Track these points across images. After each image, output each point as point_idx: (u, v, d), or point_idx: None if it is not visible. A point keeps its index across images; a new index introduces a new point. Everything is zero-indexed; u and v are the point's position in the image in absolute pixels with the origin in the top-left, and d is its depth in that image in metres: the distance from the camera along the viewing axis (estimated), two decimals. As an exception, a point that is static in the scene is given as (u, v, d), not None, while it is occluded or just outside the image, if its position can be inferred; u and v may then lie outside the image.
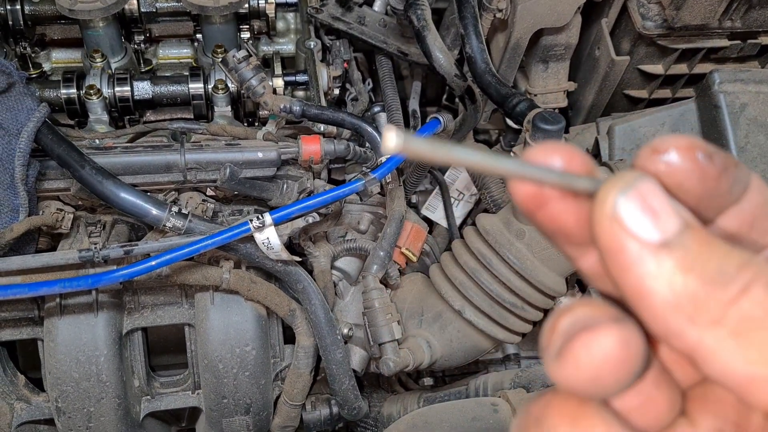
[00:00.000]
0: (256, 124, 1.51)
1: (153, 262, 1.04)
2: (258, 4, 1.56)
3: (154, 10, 1.55)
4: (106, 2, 1.36)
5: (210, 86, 1.42)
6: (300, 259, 1.18)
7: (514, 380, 1.34)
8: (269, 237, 1.11)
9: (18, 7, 1.46)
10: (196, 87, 1.42)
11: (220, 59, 1.24)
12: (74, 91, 1.38)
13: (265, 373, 1.23)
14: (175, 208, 1.11)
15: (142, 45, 1.60)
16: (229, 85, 1.42)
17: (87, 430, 1.17)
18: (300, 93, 1.57)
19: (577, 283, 1.40)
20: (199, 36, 1.59)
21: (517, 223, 1.21)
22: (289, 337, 1.31)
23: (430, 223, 1.65)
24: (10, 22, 1.46)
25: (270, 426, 1.30)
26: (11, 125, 1.09)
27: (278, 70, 1.47)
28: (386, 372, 1.19)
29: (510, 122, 1.51)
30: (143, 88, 1.42)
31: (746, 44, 1.37)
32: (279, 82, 1.48)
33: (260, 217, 1.10)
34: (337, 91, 1.58)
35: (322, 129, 1.40)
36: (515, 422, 0.37)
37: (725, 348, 0.30)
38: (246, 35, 1.64)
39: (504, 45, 1.37)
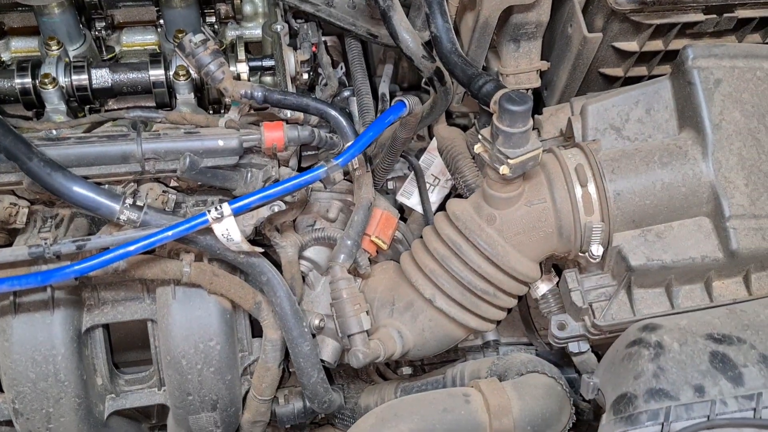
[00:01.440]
0: (222, 111, 1.47)
1: (106, 257, 1.00)
2: (222, -13, 1.52)
3: (114, -5, 1.50)
4: (58, -13, 1.31)
5: (171, 73, 1.38)
6: (262, 250, 1.14)
7: (491, 369, 1.31)
8: (228, 228, 1.07)
9: (-29, -6, 1.41)
10: (156, 74, 1.38)
11: (178, 45, 1.19)
12: (29, 80, 1.33)
13: (232, 368, 1.19)
14: (129, 200, 1.07)
15: (104, 32, 1.55)
16: (191, 71, 1.37)
17: (47, 431, 1.13)
18: (267, 79, 1.52)
19: (554, 268, 1.37)
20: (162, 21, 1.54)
21: (487, 207, 1.17)
22: (258, 330, 1.27)
23: (403, 211, 1.62)
24: (-36, 11, 1.41)
25: (240, 421, 1.27)
26: (-46, 117, 1.04)
27: (242, 55, 1.43)
28: (355, 364, 1.15)
29: (483, 105, 1.47)
30: (101, 77, 1.37)
31: (722, 18, 1.33)
32: (243, 68, 1.43)
33: (218, 207, 1.06)
34: (306, 76, 1.53)
35: (288, 116, 1.36)
36: None
37: None
38: (212, 20, 1.59)
39: (473, 24, 1.32)
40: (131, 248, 1.01)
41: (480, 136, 1.11)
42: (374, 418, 1.12)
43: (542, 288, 1.33)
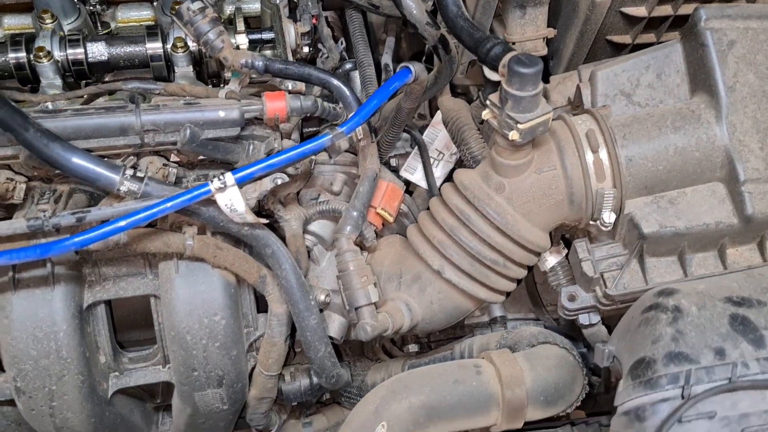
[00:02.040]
0: (222, 85, 1.43)
1: (107, 228, 0.97)
2: (219, -43, 1.48)
3: (108, -32, 1.46)
4: (51, -42, 1.27)
5: (169, 45, 1.34)
6: (267, 222, 1.11)
7: (500, 342, 1.29)
8: (232, 199, 1.04)
9: (-39, -33, 1.37)
10: (154, 47, 1.34)
11: (176, 12, 1.16)
12: (23, 54, 1.29)
13: (237, 344, 1.17)
14: (129, 172, 1.04)
15: (98, 7, 1.51)
16: (190, 43, 1.34)
17: (50, 410, 1.11)
18: (267, 52, 1.49)
19: (562, 240, 1.35)
20: (158, -5, 1.50)
21: (496, 176, 1.15)
22: (263, 306, 1.25)
23: (410, 185, 1.59)
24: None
25: (246, 398, 1.25)
26: (-53, 88, 1.01)
27: (241, 26, 1.39)
28: (363, 337, 1.13)
29: (489, 75, 1.44)
30: (98, 50, 1.34)
31: (733, -20, 1.30)
32: (242, 40, 1.40)
33: (221, 177, 1.03)
34: (306, 49, 1.50)
35: (290, 87, 1.33)
36: None
37: None
38: (209, -8, 1.55)
39: (478, -10, 1.29)
40: (132, 219, 0.98)
41: (488, 102, 1.08)
42: (384, 390, 1.10)
43: (551, 260, 1.30)
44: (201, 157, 1.23)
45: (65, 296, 1.09)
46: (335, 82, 1.22)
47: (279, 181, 1.12)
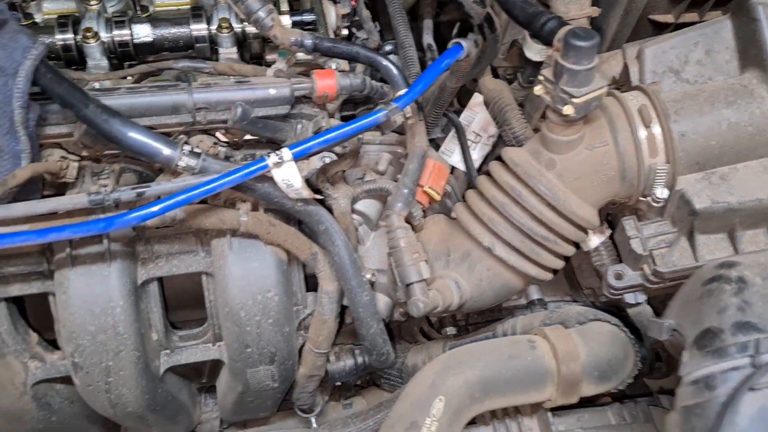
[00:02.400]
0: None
1: (169, 202, 0.98)
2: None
3: (149, -51, 1.46)
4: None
5: (213, 27, 1.35)
6: (321, 198, 1.11)
7: (545, 321, 1.29)
8: (289, 174, 1.04)
9: (5, -50, 1.38)
10: (199, 28, 1.35)
11: (225, -9, 1.16)
12: (71, 36, 1.30)
13: (289, 321, 1.17)
14: (187, 147, 1.04)
15: (139, -10, 1.52)
16: (234, 25, 1.34)
17: (106, 385, 1.12)
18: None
19: (607, 221, 1.35)
20: (197, -22, 1.50)
21: (546, 152, 1.15)
22: (311, 285, 1.25)
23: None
24: (-2, -33, 1.37)
25: (295, 376, 1.25)
26: (7, 65, 1.02)
27: (285, 6, 1.40)
28: (415, 313, 1.13)
29: (530, 55, 1.44)
30: (143, 31, 1.34)
31: (780, -43, 1.29)
32: (286, 21, 1.40)
33: (278, 152, 1.04)
34: (345, 31, 1.50)
35: (333, 68, 1.33)
36: None
37: None
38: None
39: (523, -32, 1.29)
40: (193, 193, 0.99)
41: (541, 77, 1.08)
42: (439, 365, 1.10)
43: (595, 240, 1.30)
44: (247, 137, 1.23)
45: (121, 273, 1.10)
46: (383, 60, 1.22)
47: (327, 160, 1.12)
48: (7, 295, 1.11)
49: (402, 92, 1.14)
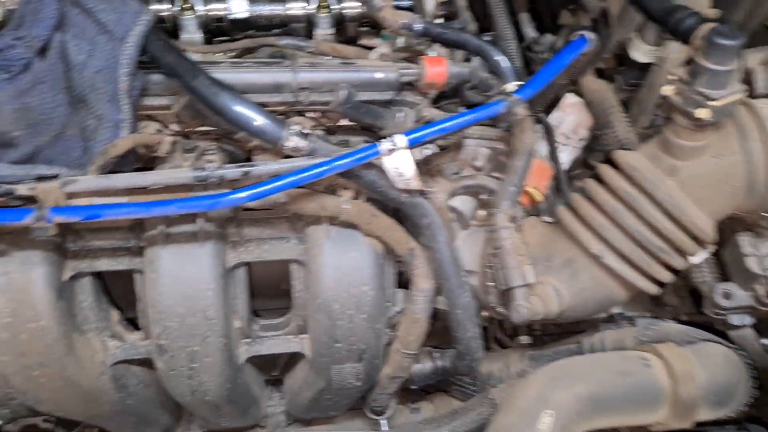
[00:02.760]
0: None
1: (277, 183, 0.92)
2: None
3: None
4: None
5: (311, 6, 1.29)
6: (431, 189, 1.05)
7: (638, 338, 1.22)
8: (401, 162, 0.98)
9: None
10: (297, 6, 1.29)
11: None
12: (167, 7, 1.25)
13: (381, 318, 1.11)
14: (295, 127, 0.99)
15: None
16: (333, 5, 1.29)
17: (189, 371, 1.07)
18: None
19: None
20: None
21: (668, 158, 1.07)
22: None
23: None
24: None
25: (378, 376, 1.19)
26: (117, 29, 0.97)
27: (385, -10, 1.34)
28: (517, 319, 1.07)
29: (636, 57, 1.36)
30: (240, 6, 1.29)
31: None
32: (385, 4, 1.34)
33: (391, 138, 0.98)
34: (441, 20, 1.44)
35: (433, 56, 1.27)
36: None
37: None
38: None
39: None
40: (304, 175, 0.93)
41: (674, 77, 1.00)
42: (546, 376, 1.03)
43: (701, 255, 1.22)
44: (341, 123, 1.18)
45: (214, 255, 1.04)
46: (493, 50, 1.16)
47: (428, 152, 1.06)
48: (94, 270, 1.06)
49: (508, 88, 1.07)
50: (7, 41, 0.91)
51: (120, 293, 1.16)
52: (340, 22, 1.33)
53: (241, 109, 0.97)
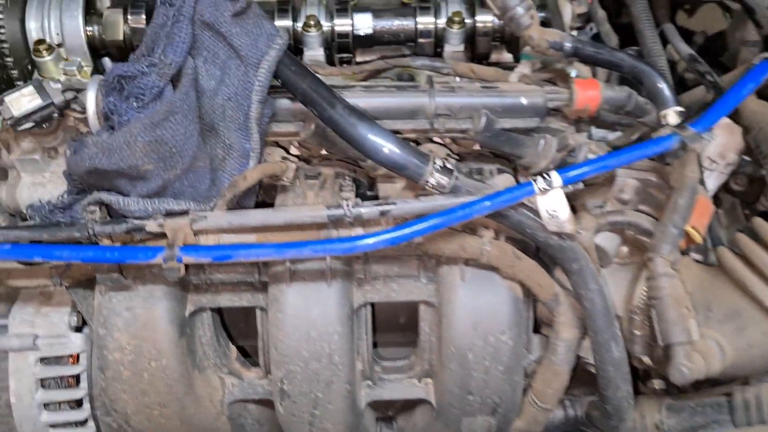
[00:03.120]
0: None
1: (422, 226, 0.84)
2: None
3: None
4: None
5: (441, 20, 1.20)
6: (584, 233, 0.94)
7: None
8: (555, 203, 0.88)
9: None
10: (425, 21, 1.20)
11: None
12: (290, 23, 1.19)
13: (518, 368, 1.01)
14: (438, 162, 0.90)
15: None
16: (467, 18, 1.19)
17: (311, 417, 1.00)
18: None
19: None
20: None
21: None
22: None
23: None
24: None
25: (509, 429, 1.09)
26: (250, 54, 0.91)
27: (523, 2, 1.22)
28: (678, 380, 0.94)
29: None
30: (364, 22, 1.21)
31: None
32: (518, 18, 1.23)
33: (547, 176, 0.87)
34: (575, 33, 1.31)
35: (574, 75, 1.15)
36: None
37: None
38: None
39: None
40: (450, 217, 0.84)
41: None
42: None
43: None
44: (475, 147, 1.08)
45: (341, 294, 0.97)
46: (654, 74, 1.03)
47: (577, 188, 0.95)
48: (215, 305, 1.01)
49: (667, 115, 0.93)
50: (141, 68, 0.86)
51: (233, 321, 1.11)
52: (471, 37, 1.23)
53: (381, 142, 0.88)
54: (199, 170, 0.91)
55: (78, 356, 1.05)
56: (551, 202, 0.88)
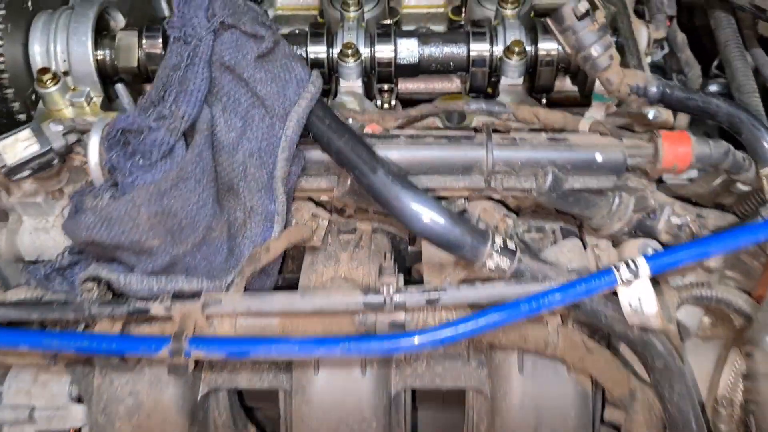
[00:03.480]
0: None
1: (478, 324, 0.69)
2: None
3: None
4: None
5: (498, 48, 1.04)
6: (673, 329, 0.78)
7: None
8: (641, 294, 0.72)
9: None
10: (480, 49, 1.04)
11: (553, 15, 0.84)
12: (324, 48, 1.04)
13: (583, 473, 0.86)
14: (499, 241, 0.74)
15: (391, -12, 1.24)
16: (526, 47, 1.03)
17: None
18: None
19: None
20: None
21: None
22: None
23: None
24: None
25: None
26: (277, 103, 0.76)
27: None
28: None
29: None
30: (409, 49, 1.06)
31: None
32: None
33: (633, 264, 0.71)
34: (649, 59, 1.14)
35: (651, 116, 0.98)
36: None
37: None
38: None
39: None
40: (512, 313, 0.69)
41: None
42: None
43: None
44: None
45: (378, 383, 0.83)
46: (755, 123, 0.86)
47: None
48: (234, 386, 0.87)
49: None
50: (148, 122, 0.72)
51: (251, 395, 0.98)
52: (532, 68, 1.07)
53: (431, 217, 0.73)
54: (214, 241, 0.77)
55: (79, 431, 0.93)
56: (636, 294, 0.72)
